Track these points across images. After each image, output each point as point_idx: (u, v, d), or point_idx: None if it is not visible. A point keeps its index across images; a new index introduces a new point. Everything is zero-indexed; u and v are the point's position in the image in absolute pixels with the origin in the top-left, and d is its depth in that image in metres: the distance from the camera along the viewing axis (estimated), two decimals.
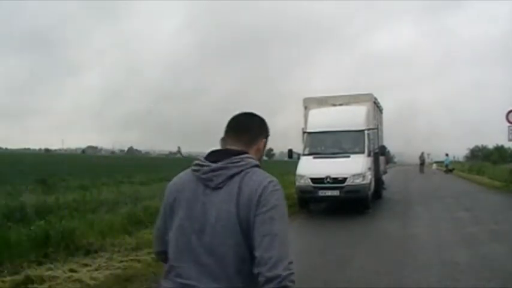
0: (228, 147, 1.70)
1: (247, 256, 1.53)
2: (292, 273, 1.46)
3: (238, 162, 1.60)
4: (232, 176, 1.58)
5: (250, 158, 1.64)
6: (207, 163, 1.63)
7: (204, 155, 1.68)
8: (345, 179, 10.70)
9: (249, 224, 1.52)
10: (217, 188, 1.58)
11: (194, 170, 1.65)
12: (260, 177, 1.59)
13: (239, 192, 1.55)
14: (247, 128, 1.75)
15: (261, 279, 1.46)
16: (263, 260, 1.46)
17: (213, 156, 1.65)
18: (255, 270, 1.49)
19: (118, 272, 5.52)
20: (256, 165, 1.65)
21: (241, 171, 1.59)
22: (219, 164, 1.60)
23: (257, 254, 1.48)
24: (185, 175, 1.71)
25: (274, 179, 1.62)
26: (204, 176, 1.61)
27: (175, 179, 1.74)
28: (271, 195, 1.54)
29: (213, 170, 1.60)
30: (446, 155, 37.12)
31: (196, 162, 1.67)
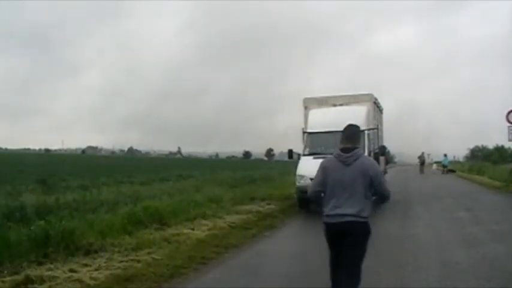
0: (348, 145, 3.73)
1: (365, 194, 3.68)
2: (390, 195, 3.84)
3: (356, 153, 3.71)
4: (355, 159, 3.68)
5: (360, 150, 3.78)
6: (343, 153, 3.71)
7: (340, 148, 3.76)
8: None
9: (368, 180, 3.65)
10: (349, 164, 3.68)
11: (336, 157, 3.74)
12: (370, 160, 3.98)
13: (362, 166, 3.67)
14: (354, 135, 3.83)
15: (380, 195, 3.78)
16: (380, 191, 3.74)
17: (344, 150, 3.73)
18: (377, 195, 3.78)
19: (118, 272, 5.52)
20: (363, 154, 3.78)
21: (359, 157, 3.71)
22: (348, 154, 3.70)
23: (377, 189, 3.71)
24: (331, 159, 3.81)
25: (373, 160, 4.11)
26: (342, 159, 3.70)
27: (326, 160, 3.89)
28: (376, 167, 3.85)
29: (346, 157, 3.69)
30: (445, 155, 37.04)
31: (337, 153, 3.75)
